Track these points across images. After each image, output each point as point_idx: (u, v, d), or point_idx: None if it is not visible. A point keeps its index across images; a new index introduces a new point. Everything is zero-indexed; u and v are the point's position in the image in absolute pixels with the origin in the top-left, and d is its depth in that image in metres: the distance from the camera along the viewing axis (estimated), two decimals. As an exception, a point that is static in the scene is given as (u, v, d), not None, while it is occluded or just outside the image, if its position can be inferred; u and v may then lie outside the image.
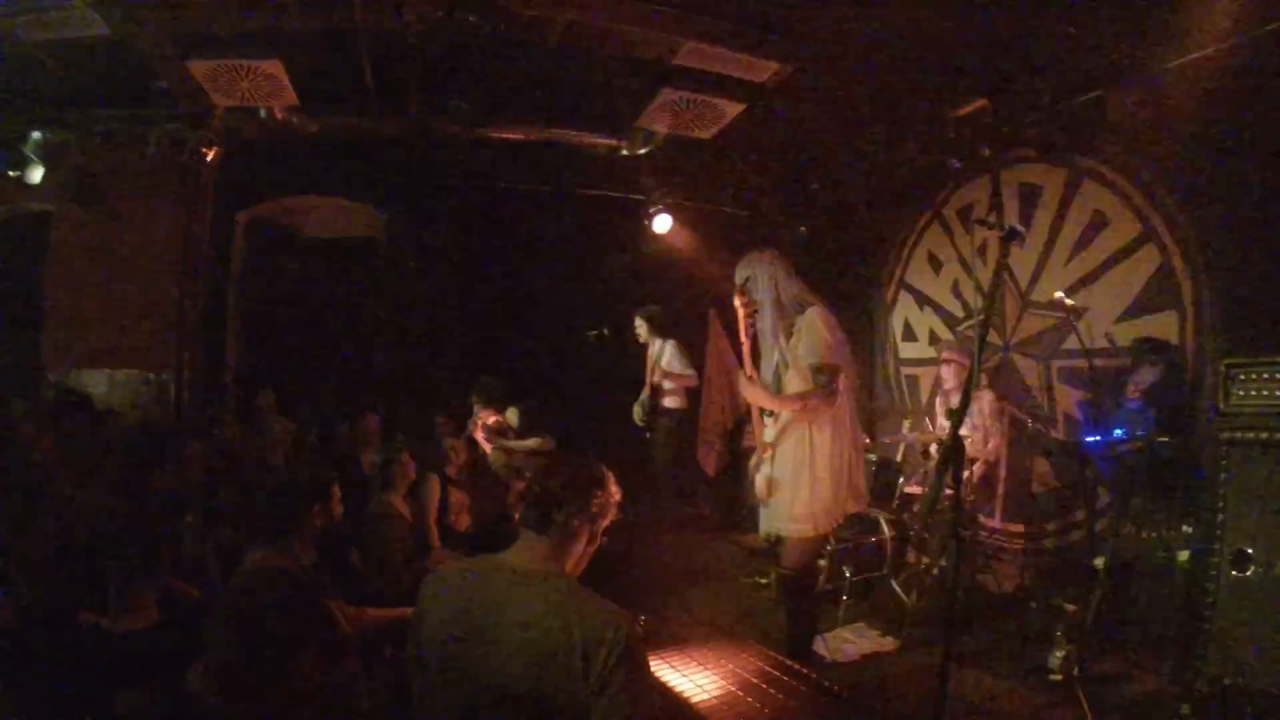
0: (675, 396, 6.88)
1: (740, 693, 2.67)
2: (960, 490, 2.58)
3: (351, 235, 9.07)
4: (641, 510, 7.91)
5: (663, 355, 6.81)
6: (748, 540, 7.06)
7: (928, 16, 4.96)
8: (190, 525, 3.76)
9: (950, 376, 6.15)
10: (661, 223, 7.94)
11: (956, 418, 2.57)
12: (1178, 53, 4.79)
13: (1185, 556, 4.33)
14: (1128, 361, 5.53)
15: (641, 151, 7.17)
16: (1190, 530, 4.54)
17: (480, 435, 6.64)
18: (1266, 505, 3.63)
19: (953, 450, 2.52)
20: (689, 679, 2.78)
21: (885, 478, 6.49)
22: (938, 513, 5.33)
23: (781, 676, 2.78)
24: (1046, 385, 6.52)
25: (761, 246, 4.17)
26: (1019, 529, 6.56)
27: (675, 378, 6.78)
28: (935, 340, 7.75)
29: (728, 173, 8.20)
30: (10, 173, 6.49)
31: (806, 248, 8.79)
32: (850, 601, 5.46)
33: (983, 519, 6.47)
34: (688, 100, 6.06)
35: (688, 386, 6.93)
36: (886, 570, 5.84)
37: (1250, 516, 3.68)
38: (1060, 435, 6.27)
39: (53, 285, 7.41)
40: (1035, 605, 5.33)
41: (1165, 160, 5.53)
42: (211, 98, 5.93)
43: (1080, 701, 3.84)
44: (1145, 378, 5.27)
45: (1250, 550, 3.64)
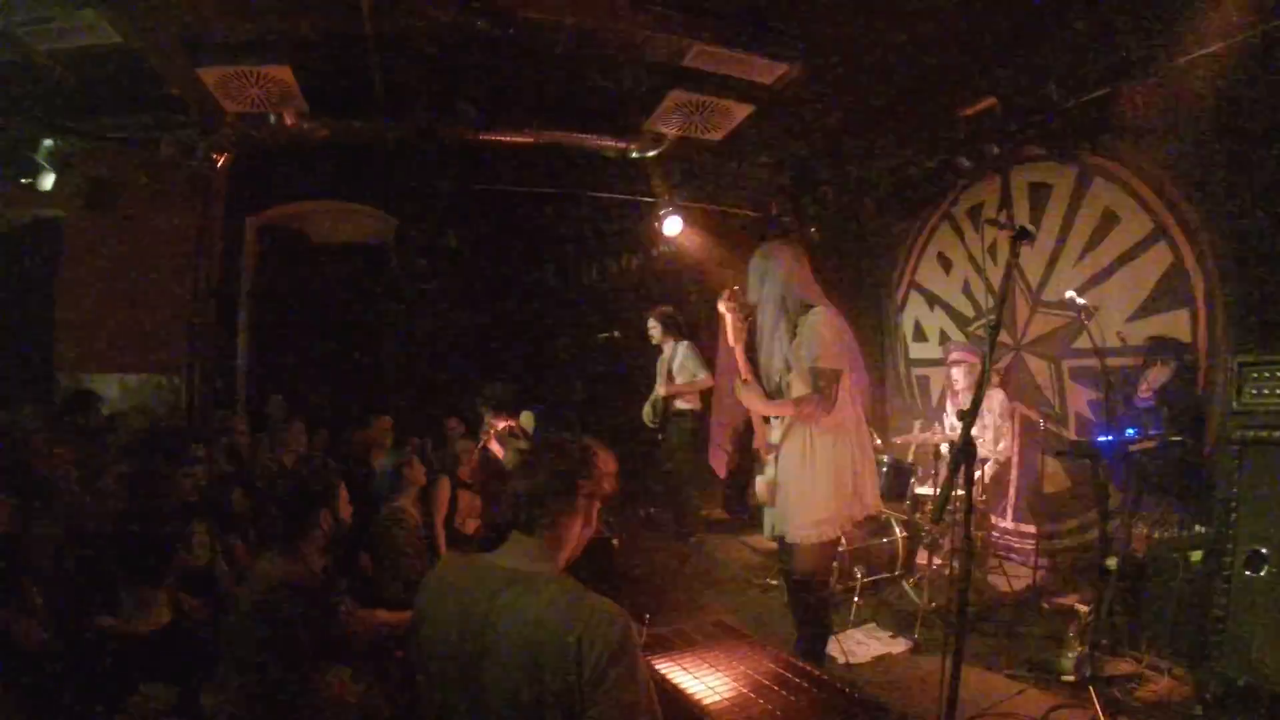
0: (688, 398, 6.89)
1: (752, 694, 2.66)
2: (972, 491, 2.57)
3: (362, 239, 9.10)
4: (653, 512, 7.94)
5: (676, 357, 6.81)
6: (758, 541, 7.06)
7: (935, 15, 4.96)
8: (199, 530, 3.76)
9: (961, 376, 6.13)
10: (672, 225, 7.94)
11: (968, 418, 2.55)
12: (1187, 49, 4.75)
13: (1198, 556, 4.31)
14: (1140, 360, 5.52)
15: (651, 154, 7.18)
16: (1203, 530, 4.53)
17: (494, 444, 6.65)
18: (1280, 505, 3.62)
19: (964, 451, 2.51)
20: (700, 680, 2.77)
21: (897, 478, 6.47)
22: (949, 513, 5.32)
23: (793, 678, 2.77)
24: (1058, 385, 6.51)
25: (783, 240, 3.99)
26: (1030, 529, 6.54)
27: (686, 386, 6.79)
28: (946, 340, 7.73)
29: (737, 174, 8.20)
30: (22, 180, 6.53)
31: (816, 249, 8.78)
32: (862, 603, 5.46)
33: (994, 519, 6.45)
34: (697, 102, 6.06)
35: (700, 389, 6.93)
36: (898, 571, 5.84)
37: (1263, 516, 3.67)
38: (1072, 435, 6.26)
39: (64, 291, 7.44)
40: (1047, 606, 5.32)
41: (1176, 157, 5.51)
42: (222, 104, 5.95)
43: (1092, 702, 3.83)
44: (1157, 377, 5.26)
45: (1263, 550, 3.62)
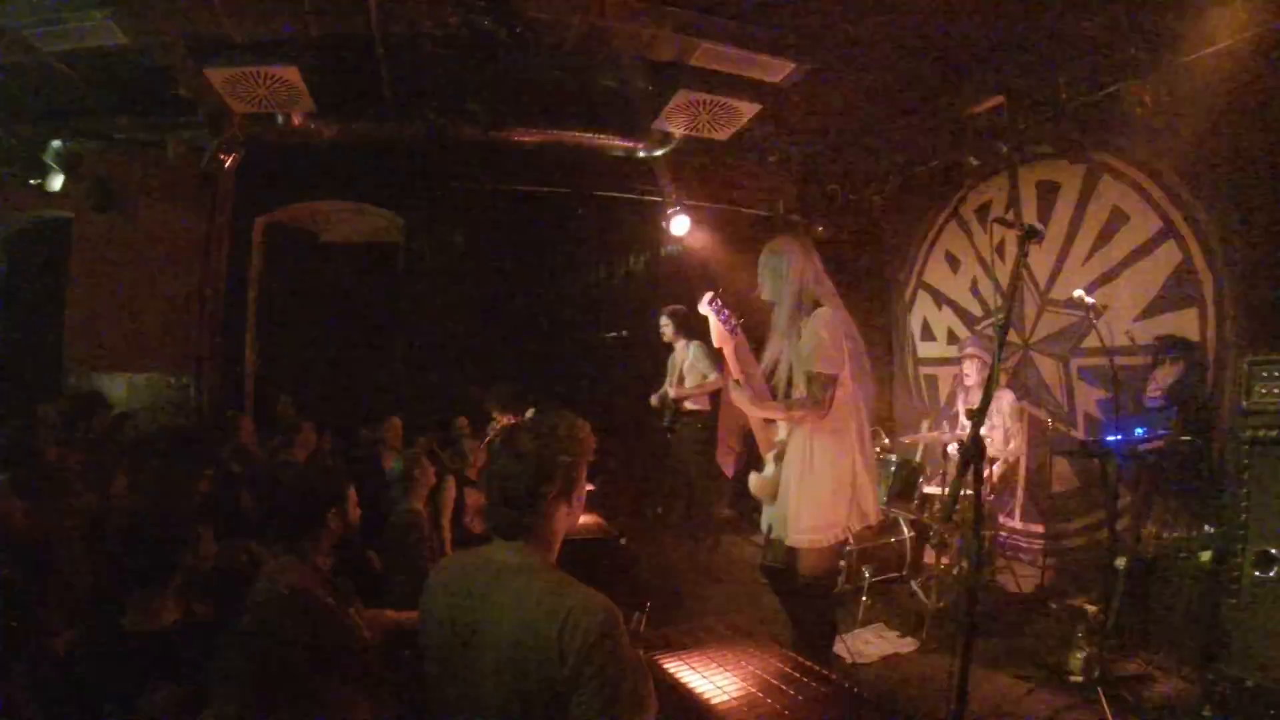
0: (698, 399, 6.88)
1: (760, 694, 2.66)
2: (981, 491, 2.56)
3: (370, 239, 9.12)
4: (661, 511, 7.93)
5: (688, 356, 6.81)
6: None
7: (942, 14, 4.94)
8: (207, 532, 3.77)
9: (973, 372, 6.08)
10: (679, 224, 7.94)
11: (978, 417, 2.54)
12: (1195, 46, 4.73)
13: (1207, 557, 4.29)
14: (1148, 359, 5.49)
15: (658, 153, 7.18)
16: (1212, 530, 4.51)
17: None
18: (1290, 504, 3.61)
19: (973, 450, 2.50)
20: (709, 680, 2.77)
21: (905, 478, 6.45)
22: (958, 513, 5.30)
23: (802, 678, 2.76)
24: (1066, 384, 6.49)
25: (794, 234, 3.88)
26: (1039, 529, 6.53)
27: (695, 389, 6.79)
28: (954, 339, 7.72)
29: (745, 173, 8.20)
30: (31, 181, 6.56)
31: (824, 248, 8.77)
32: (869, 602, 5.45)
33: (1002, 519, 6.44)
34: (704, 101, 6.07)
35: (710, 390, 6.93)
36: (906, 571, 5.83)
37: (1273, 516, 3.65)
38: (1080, 434, 6.24)
39: (74, 291, 7.48)
40: (1055, 606, 5.30)
41: (1184, 155, 5.48)
42: (229, 104, 5.98)
43: (1101, 703, 3.82)
44: (1166, 376, 5.24)
45: (1273, 550, 3.61)
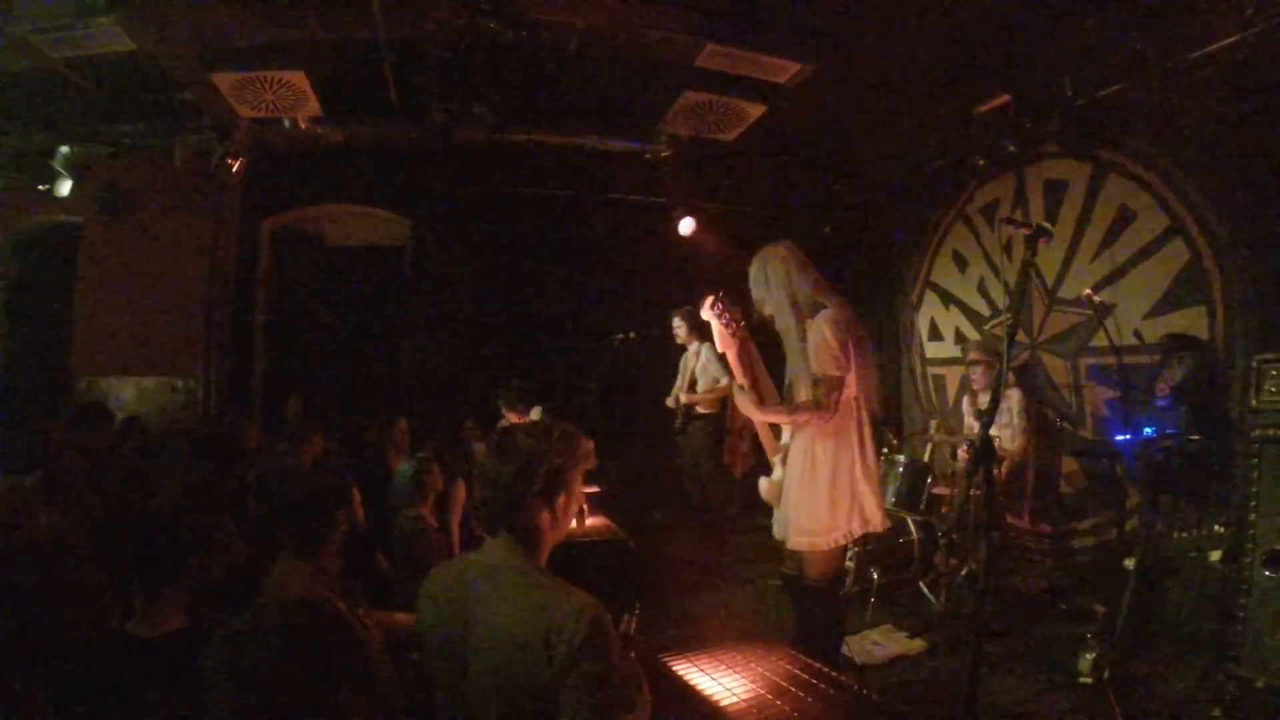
0: (708, 403, 6.88)
1: (769, 696, 2.66)
2: (991, 491, 2.55)
3: (377, 242, 9.13)
4: (670, 514, 7.93)
5: (700, 358, 6.80)
6: (775, 543, 7.04)
7: (949, 13, 4.94)
8: (215, 535, 3.76)
9: (980, 377, 6.09)
10: (686, 225, 7.94)
11: (987, 418, 2.53)
12: (1202, 43, 4.71)
13: (1217, 556, 4.28)
14: (1157, 358, 5.47)
15: (664, 154, 7.18)
16: (1221, 530, 4.49)
17: None
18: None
19: (983, 451, 2.49)
20: (717, 682, 2.77)
21: (913, 479, 6.44)
22: (967, 514, 5.29)
23: (810, 679, 2.76)
24: (1075, 383, 6.46)
25: (774, 241, 3.92)
26: (1048, 530, 6.50)
27: (706, 394, 6.79)
28: (961, 339, 7.71)
29: (751, 174, 8.19)
30: (39, 186, 6.59)
31: (831, 248, 8.76)
32: (878, 603, 5.44)
33: (1011, 519, 6.41)
34: (710, 103, 6.07)
35: (721, 394, 6.92)
36: (914, 572, 5.81)
37: (1284, 516, 3.63)
38: (1089, 434, 6.22)
39: (82, 296, 7.52)
40: (1064, 607, 5.29)
41: (1192, 153, 5.45)
42: (236, 109, 6.00)
43: (1111, 704, 3.80)
44: (1175, 374, 5.21)
45: (1284, 550, 3.59)
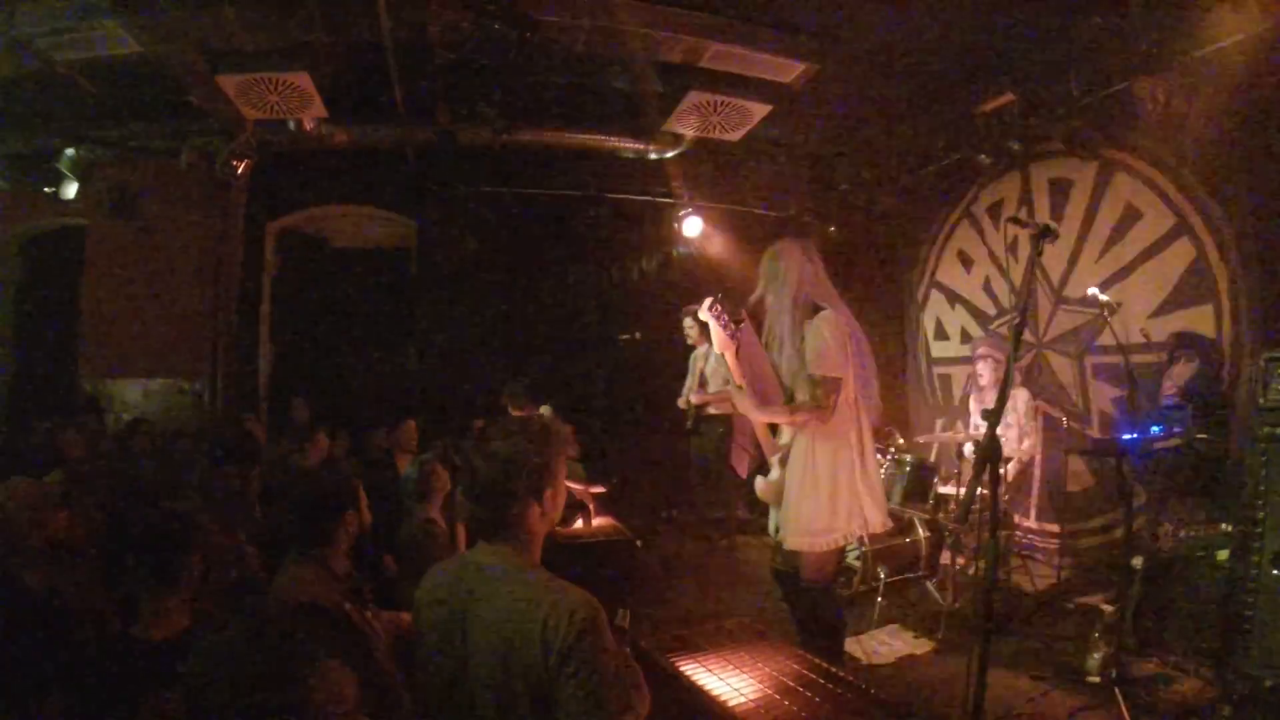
0: (719, 404, 6.88)
1: (776, 695, 2.66)
2: (998, 491, 2.54)
3: (383, 243, 9.15)
4: (677, 513, 7.93)
5: (710, 358, 6.80)
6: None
7: (952, 12, 4.93)
8: (219, 536, 3.77)
9: (986, 373, 6.05)
10: (691, 225, 7.94)
11: (994, 417, 2.52)
12: (1207, 41, 4.70)
13: (1224, 555, 4.26)
14: (1163, 357, 5.45)
15: (670, 155, 7.19)
16: (1229, 528, 4.47)
17: None
18: (1308, 503, 3.57)
19: (990, 450, 2.49)
20: (725, 682, 2.78)
21: (919, 478, 6.43)
22: (973, 513, 5.28)
23: (817, 679, 2.76)
24: (1081, 382, 6.46)
25: (794, 237, 3.89)
26: (1054, 529, 6.50)
27: (716, 395, 6.78)
28: (967, 338, 7.70)
29: (756, 174, 8.19)
30: (46, 189, 6.61)
31: (837, 248, 8.76)
32: (885, 603, 5.43)
33: (1018, 519, 6.41)
34: (715, 102, 6.07)
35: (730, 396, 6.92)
36: (921, 571, 5.80)
37: (1291, 514, 3.62)
38: (1095, 433, 6.21)
39: (88, 298, 7.55)
40: (1071, 606, 5.28)
41: (1197, 151, 5.44)
42: (241, 111, 6.01)
43: (1118, 704, 3.80)
44: (1182, 373, 5.20)
45: (1293, 548, 3.58)
